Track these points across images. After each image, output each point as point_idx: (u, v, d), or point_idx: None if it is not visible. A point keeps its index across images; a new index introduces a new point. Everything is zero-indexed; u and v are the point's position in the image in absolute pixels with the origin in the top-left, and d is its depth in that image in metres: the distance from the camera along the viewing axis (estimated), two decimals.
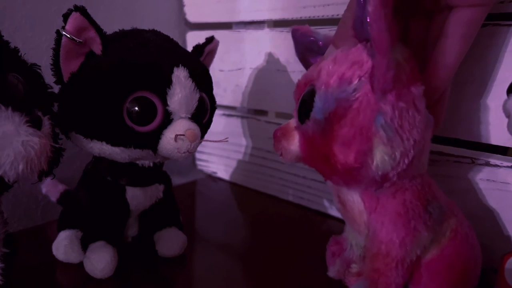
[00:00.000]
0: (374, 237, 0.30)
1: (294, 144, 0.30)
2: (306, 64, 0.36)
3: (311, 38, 0.33)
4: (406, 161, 0.27)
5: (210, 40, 0.40)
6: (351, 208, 0.32)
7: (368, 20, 0.24)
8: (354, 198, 0.31)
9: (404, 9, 0.32)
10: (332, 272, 0.36)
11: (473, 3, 0.28)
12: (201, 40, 0.40)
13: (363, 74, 0.26)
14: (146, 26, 0.38)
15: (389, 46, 0.24)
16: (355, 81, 0.26)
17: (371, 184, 0.29)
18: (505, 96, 0.30)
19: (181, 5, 0.64)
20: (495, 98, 0.35)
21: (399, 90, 0.26)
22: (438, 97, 0.31)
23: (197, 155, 0.67)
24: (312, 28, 0.34)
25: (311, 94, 0.29)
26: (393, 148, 0.26)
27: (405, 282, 0.30)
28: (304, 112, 0.29)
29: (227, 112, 0.61)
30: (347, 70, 0.27)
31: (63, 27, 0.31)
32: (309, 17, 0.48)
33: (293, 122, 0.31)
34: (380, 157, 0.26)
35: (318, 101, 0.28)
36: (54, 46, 0.32)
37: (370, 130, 0.26)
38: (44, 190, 0.46)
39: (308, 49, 0.34)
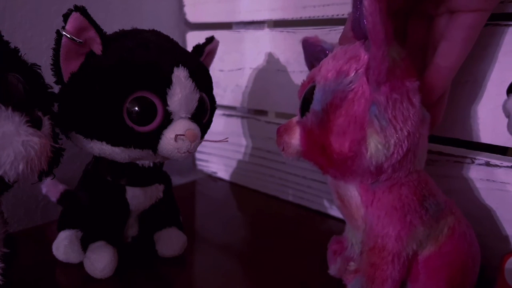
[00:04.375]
0: (371, 231, 0.30)
1: (295, 138, 0.31)
2: None
3: (319, 47, 0.34)
4: (401, 152, 0.28)
5: (210, 40, 0.40)
6: (348, 203, 0.32)
7: (364, 13, 0.25)
8: (352, 193, 0.31)
9: (404, 12, 0.32)
10: (333, 270, 0.36)
11: (474, 8, 0.28)
12: (201, 40, 0.40)
13: (360, 68, 0.28)
14: (146, 26, 0.38)
15: (383, 39, 0.25)
16: (352, 74, 0.28)
17: (366, 175, 0.30)
18: (505, 96, 0.30)
19: (181, 5, 0.64)
20: (495, 98, 0.35)
21: (393, 82, 0.27)
22: (438, 98, 0.31)
23: (197, 155, 0.67)
24: (320, 38, 0.35)
25: (312, 89, 0.30)
26: (387, 138, 0.27)
27: (402, 278, 0.30)
28: (305, 107, 0.30)
29: (227, 112, 0.61)
30: (344, 64, 0.28)
31: (63, 27, 0.31)
32: (309, 17, 0.48)
33: (295, 118, 0.32)
34: (374, 146, 0.27)
35: (317, 94, 0.29)
36: (54, 46, 0.32)
37: (364, 120, 0.27)
38: (44, 190, 0.46)
39: (316, 58, 0.35)
